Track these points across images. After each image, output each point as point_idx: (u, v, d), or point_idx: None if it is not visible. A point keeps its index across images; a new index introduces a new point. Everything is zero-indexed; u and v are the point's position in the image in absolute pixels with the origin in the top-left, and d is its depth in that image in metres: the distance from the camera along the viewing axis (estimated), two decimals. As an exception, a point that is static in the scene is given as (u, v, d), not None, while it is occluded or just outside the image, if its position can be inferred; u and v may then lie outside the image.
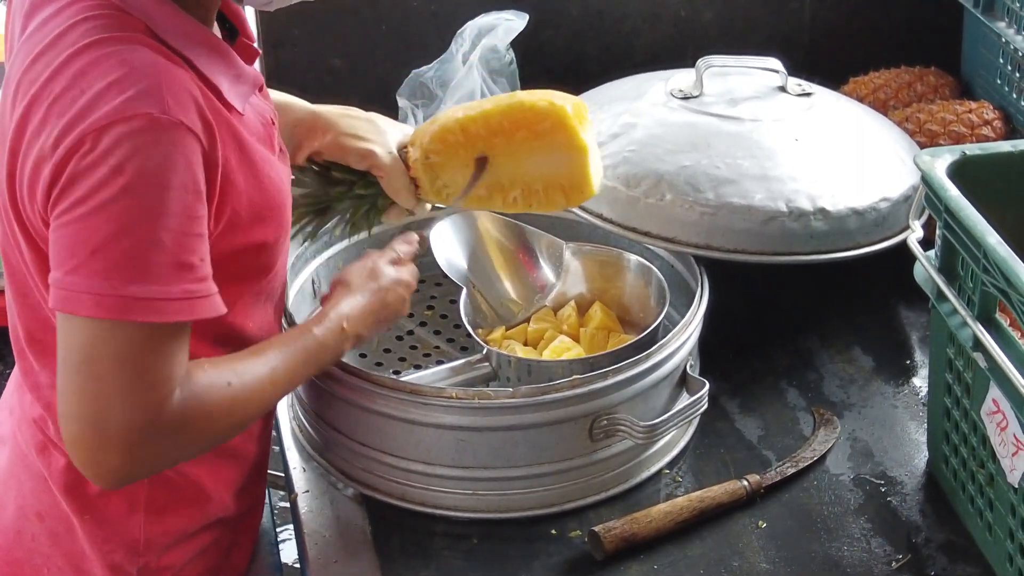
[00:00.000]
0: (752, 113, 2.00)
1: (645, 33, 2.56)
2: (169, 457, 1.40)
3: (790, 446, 1.80)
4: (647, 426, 1.65)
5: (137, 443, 1.32)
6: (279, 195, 1.52)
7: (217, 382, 1.39)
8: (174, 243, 1.31)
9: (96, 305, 1.29)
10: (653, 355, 1.68)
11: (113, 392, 1.31)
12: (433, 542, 1.67)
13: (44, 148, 1.33)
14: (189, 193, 1.32)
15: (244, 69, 1.48)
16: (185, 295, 1.32)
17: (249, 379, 1.43)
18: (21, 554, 1.61)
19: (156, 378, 1.32)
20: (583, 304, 1.96)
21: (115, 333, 1.30)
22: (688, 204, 1.88)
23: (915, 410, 1.87)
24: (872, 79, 2.44)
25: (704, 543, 1.64)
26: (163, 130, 1.30)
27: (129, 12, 1.37)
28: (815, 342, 2.02)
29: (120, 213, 1.29)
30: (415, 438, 1.66)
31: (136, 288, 1.29)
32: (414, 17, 2.44)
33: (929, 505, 1.70)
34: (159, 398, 1.32)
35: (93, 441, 1.32)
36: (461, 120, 1.72)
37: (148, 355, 1.31)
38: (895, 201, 1.94)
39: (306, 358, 1.53)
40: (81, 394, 1.32)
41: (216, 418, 1.39)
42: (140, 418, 1.31)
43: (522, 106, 1.70)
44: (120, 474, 1.35)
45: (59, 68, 1.34)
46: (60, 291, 1.31)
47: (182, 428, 1.35)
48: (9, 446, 1.63)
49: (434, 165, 1.74)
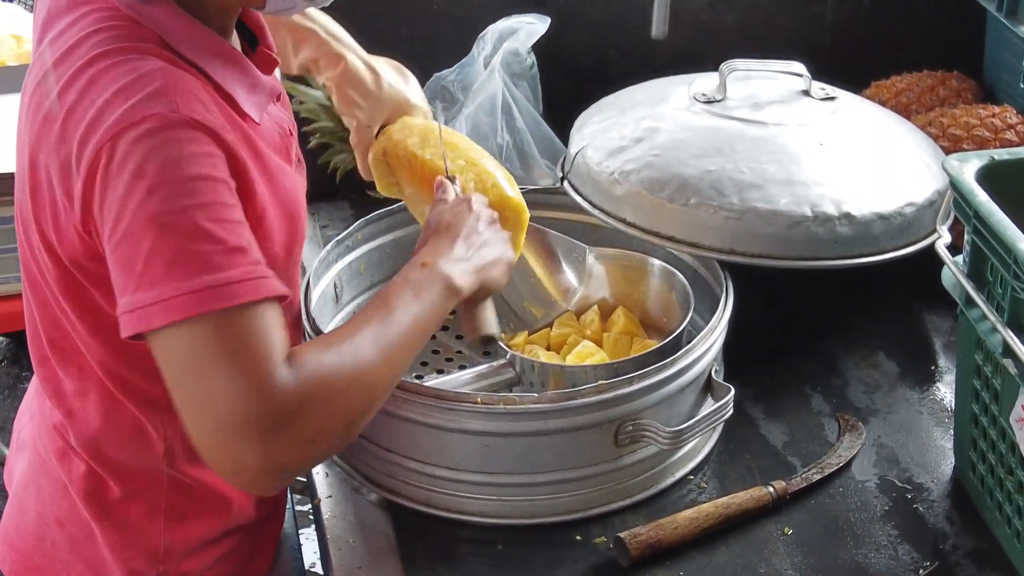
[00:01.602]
0: (776, 117, 1.99)
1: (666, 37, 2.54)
2: (306, 442, 1.30)
3: (815, 452, 1.79)
4: (672, 432, 1.64)
5: (264, 431, 1.26)
6: (294, 205, 1.51)
7: (320, 347, 1.34)
8: (219, 230, 1.28)
9: (166, 311, 1.26)
10: (679, 360, 1.67)
11: (219, 387, 1.25)
12: (458, 548, 1.66)
13: (67, 163, 1.32)
14: (218, 182, 1.30)
15: (260, 78, 1.48)
16: (246, 276, 1.28)
17: (352, 334, 1.37)
18: (41, 560, 1.61)
19: (253, 360, 1.26)
20: (606, 309, 1.95)
21: (197, 331, 1.26)
22: (712, 209, 1.87)
23: (941, 416, 1.86)
24: (894, 83, 2.43)
25: (730, 549, 1.63)
26: (174, 127, 1.28)
27: (142, 23, 1.37)
28: (839, 347, 2.01)
29: (155, 217, 1.26)
30: (440, 443, 1.66)
31: (196, 281, 1.25)
32: (435, 21, 2.44)
33: (956, 512, 1.69)
34: (264, 377, 1.26)
35: (227, 445, 1.26)
36: (409, 152, 1.78)
37: (236, 341, 1.26)
38: (920, 206, 1.93)
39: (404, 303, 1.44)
40: (195, 403, 1.27)
41: (337, 390, 1.32)
42: (255, 403, 1.25)
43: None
44: (265, 471, 1.28)
45: (71, 80, 1.34)
46: (130, 315, 1.28)
47: (304, 406, 1.28)
48: (29, 452, 1.63)
49: (388, 164, 1.81)
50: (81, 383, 1.52)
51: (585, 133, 2.09)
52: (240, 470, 1.28)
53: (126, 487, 1.54)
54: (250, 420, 1.25)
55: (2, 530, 1.68)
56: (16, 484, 1.66)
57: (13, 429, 1.74)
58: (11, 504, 1.67)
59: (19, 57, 3.26)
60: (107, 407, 1.51)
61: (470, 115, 2.23)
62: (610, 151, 2.00)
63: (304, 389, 1.28)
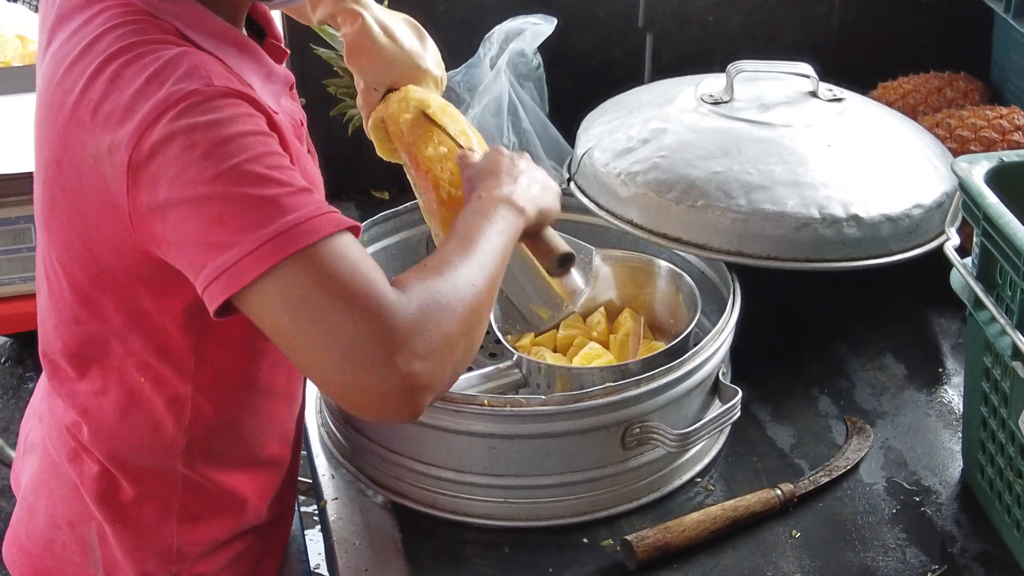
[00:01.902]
0: (783, 119, 1.99)
1: (672, 37, 2.54)
2: (435, 352, 1.28)
3: (823, 454, 1.79)
4: (680, 434, 1.64)
5: (394, 348, 1.24)
6: (319, 191, 1.52)
7: (418, 270, 1.34)
8: (281, 175, 1.27)
9: (255, 262, 1.23)
10: (686, 363, 1.67)
11: (337, 321, 1.24)
12: (464, 550, 1.66)
13: (104, 157, 1.31)
14: (267, 136, 1.30)
15: (275, 68, 1.48)
16: (320, 211, 1.27)
17: (449, 256, 1.38)
18: (52, 563, 1.60)
19: (359, 283, 1.25)
20: (613, 310, 1.95)
21: (291, 273, 1.24)
22: (720, 210, 1.87)
23: (948, 419, 1.86)
24: (901, 84, 2.43)
25: (737, 552, 1.63)
26: (213, 99, 1.28)
27: (159, 17, 1.37)
28: (846, 349, 2.00)
29: (215, 178, 1.25)
30: (446, 445, 1.65)
31: (276, 225, 1.24)
32: (441, 21, 2.42)
33: (964, 515, 1.69)
34: (378, 297, 1.25)
35: (361, 378, 1.25)
36: (400, 124, 1.74)
37: (335, 270, 1.25)
38: (928, 208, 1.93)
39: (473, 230, 1.44)
40: (316, 343, 1.25)
41: (448, 302, 1.31)
42: (376, 323, 1.24)
43: (429, 171, 1.72)
44: (406, 390, 1.26)
45: (93, 75, 1.33)
46: (219, 279, 1.25)
47: (423, 316, 1.28)
48: (39, 454, 1.62)
49: (386, 131, 1.77)
50: (101, 381, 1.51)
51: (592, 134, 2.09)
52: (384, 397, 1.26)
53: (140, 488, 1.54)
54: (378, 340, 1.24)
55: (11, 533, 1.67)
56: (25, 487, 1.66)
57: (20, 431, 1.74)
58: (20, 507, 1.66)
59: (24, 57, 3.26)
60: (125, 405, 1.51)
61: (476, 116, 2.23)
62: (617, 152, 1.99)
63: (418, 302, 1.28)
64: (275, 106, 1.45)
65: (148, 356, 1.47)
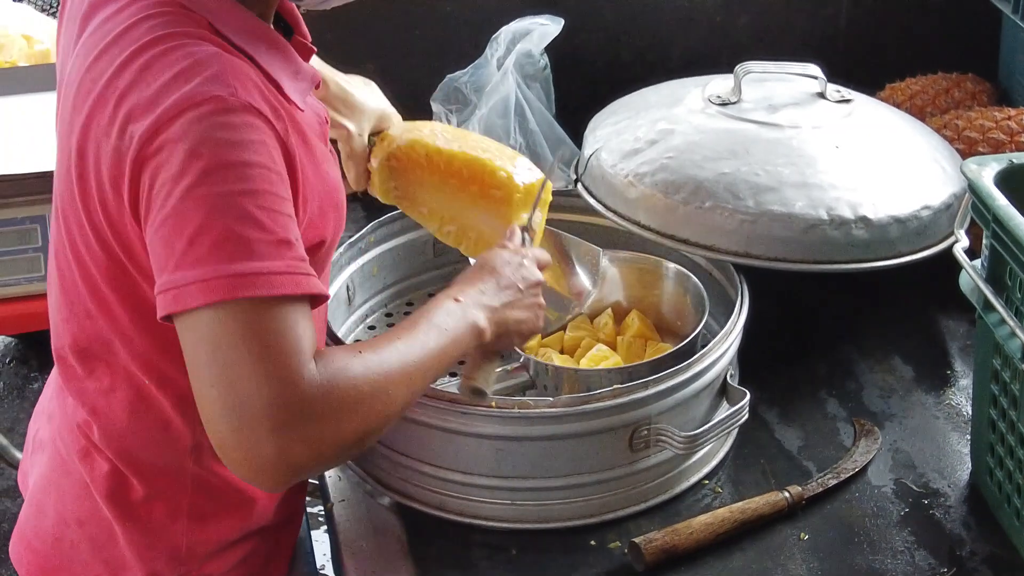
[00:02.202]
0: (791, 120, 1.98)
1: (680, 38, 2.54)
2: (324, 442, 1.28)
3: (831, 457, 1.78)
4: (688, 436, 1.64)
5: (283, 423, 1.24)
6: (338, 193, 1.52)
7: (349, 353, 1.33)
8: (268, 220, 1.27)
9: (204, 291, 1.25)
10: (694, 364, 1.66)
11: (245, 375, 1.24)
12: (471, 553, 1.65)
13: (119, 145, 1.32)
14: (271, 172, 1.30)
15: (303, 66, 1.48)
16: (289, 269, 1.28)
17: (383, 350, 1.37)
18: (60, 561, 1.60)
19: (283, 351, 1.25)
20: (620, 312, 1.94)
21: (231, 315, 1.25)
22: (727, 212, 1.86)
23: (957, 421, 1.85)
24: (909, 85, 2.42)
25: (745, 555, 1.62)
26: (234, 111, 1.29)
27: (192, 9, 1.37)
28: (854, 351, 2.00)
29: (206, 197, 1.26)
30: (453, 447, 1.65)
31: (239, 266, 1.25)
32: (448, 22, 2.43)
33: (973, 518, 1.68)
34: (292, 370, 1.25)
35: (243, 433, 1.24)
36: (430, 148, 1.80)
37: (269, 330, 1.25)
38: (937, 209, 1.92)
39: (428, 327, 1.43)
40: (217, 386, 1.25)
41: (362, 387, 1.31)
42: (278, 394, 1.24)
43: (484, 166, 1.78)
44: (275, 466, 1.26)
45: (123, 64, 1.34)
46: (167, 293, 1.27)
47: (325, 405, 1.27)
48: (48, 452, 1.62)
49: (392, 168, 1.81)
50: (108, 380, 1.51)
51: (599, 135, 2.08)
52: (251, 460, 1.26)
53: (150, 486, 1.54)
54: (271, 410, 1.24)
55: (19, 531, 1.67)
56: (34, 485, 1.65)
57: (28, 430, 1.73)
58: (28, 505, 1.66)
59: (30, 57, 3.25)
60: (134, 404, 1.51)
61: (483, 117, 2.22)
62: (624, 153, 1.99)
63: (328, 389, 1.28)
64: (301, 103, 1.46)
65: (154, 354, 1.47)
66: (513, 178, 1.77)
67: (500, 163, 1.79)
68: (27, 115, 2.62)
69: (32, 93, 2.67)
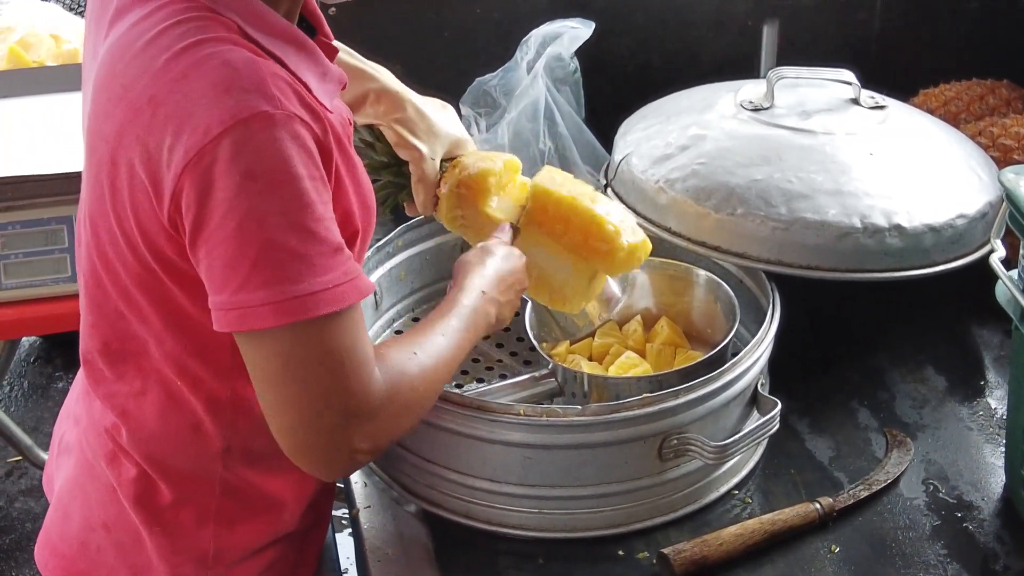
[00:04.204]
0: (825, 126, 1.96)
1: (710, 42, 2.52)
2: (393, 431, 1.43)
3: (862, 468, 1.76)
4: (718, 446, 1.62)
5: (361, 425, 1.36)
6: (367, 195, 1.52)
7: (405, 355, 1.43)
8: (324, 231, 1.32)
9: (276, 314, 1.30)
10: (725, 373, 1.65)
11: (322, 391, 1.33)
12: (498, 561, 1.64)
13: (159, 157, 1.31)
14: (318, 180, 1.33)
15: (330, 67, 1.47)
16: (347, 276, 1.34)
17: (431, 348, 1.47)
18: (85, 565, 1.59)
19: (356, 363, 1.35)
20: (649, 319, 1.92)
21: (302, 335, 1.31)
22: (760, 219, 1.84)
23: (990, 432, 1.83)
24: (943, 91, 2.40)
25: (775, 567, 1.61)
26: (281, 125, 1.29)
27: (221, 13, 1.36)
28: (886, 361, 1.98)
29: (267, 218, 1.29)
30: (480, 455, 1.63)
31: (307, 284, 1.30)
32: (478, 24, 2.42)
33: (1007, 531, 1.66)
34: (364, 380, 1.35)
35: (322, 440, 1.35)
36: (541, 190, 1.75)
37: (340, 345, 1.33)
38: (972, 218, 1.90)
39: (466, 325, 1.54)
40: (290, 403, 1.34)
41: (417, 386, 1.43)
42: (353, 405, 1.35)
43: (593, 218, 1.72)
44: (356, 458, 1.39)
45: (158, 72, 1.33)
46: (233, 311, 1.31)
47: (393, 400, 1.39)
48: (75, 456, 1.61)
49: (461, 196, 1.77)
50: (139, 383, 1.51)
51: (629, 140, 2.07)
52: (325, 460, 1.38)
53: (177, 491, 1.53)
54: (351, 417, 1.35)
55: (44, 535, 1.66)
56: (60, 488, 1.65)
57: (54, 433, 1.73)
58: (54, 509, 1.65)
59: (58, 57, 3.25)
60: (165, 407, 1.50)
61: (512, 120, 2.21)
62: (655, 159, 1.97)
63: (393, 393, 1.39)
64: (330, 105, 1.45)
65: (186, 357, 1.47)
66: (620, 236, 1.73)
67: (608, 216, 1.74)
68: (54, 115, 2.61)
69: (59, 93, 2.67)
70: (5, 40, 3.26)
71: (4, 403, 3.87)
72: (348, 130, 1.54)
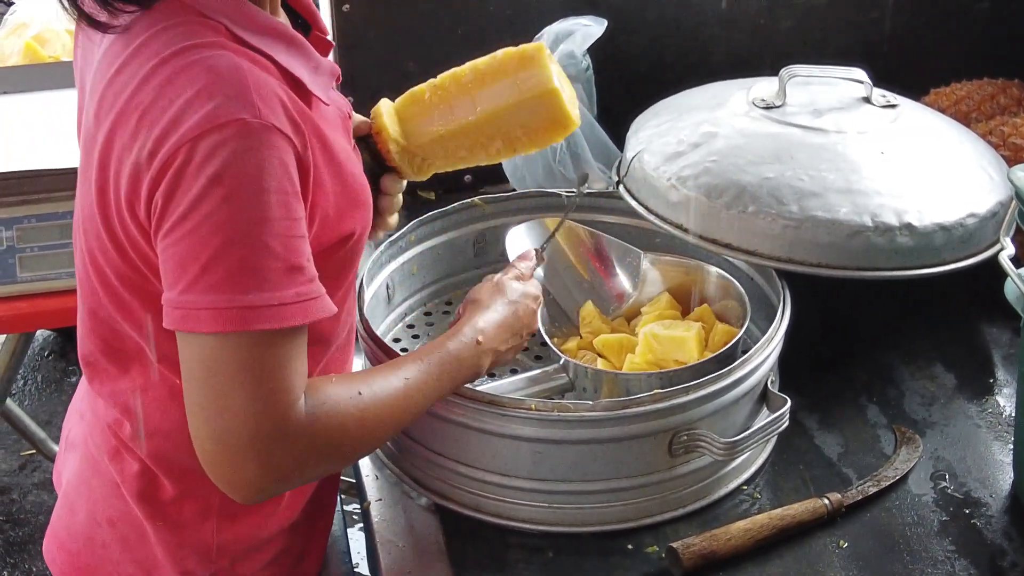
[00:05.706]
0: (836, 124, 1.97)
1: (722, 40, 2.53)
2: (306, 467, 1.37)
3: (871, 464, 1.77)
4: (728, 443, 1.62)
5: (267, 451, 1.31)
6: (362, 191, 1.52)
7: (346, 392, 1.39)
8: (282, 247, 1.30)
9: (215, 320, 1.28)
10: (735, 371, 1.65)
11: (238, 404, 1.30)
12: (508, 554, 1.65)
13: (139, 161, 1.32)
14: (288, 195, 1.31)
15: (321, 61, 1.48)
16: (299, 298, 1.31)
17: (380, 390, 1.43)
18: (91, 560, 1.61)
19: (278, 384, 1.31)
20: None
21: (235, 345, 1.29)
22: (771, 216, 1.85)
23: (999, 430, 1.83)
24: (954, 90, 2.40)
25: (784, 562, 1.61)
26: (256, 135, 1.29)
27: (209, 16, 1.37)
28: (895, 358, 1.98)
29: (224, 224, 1.27)
30: (491, 449, 1.64)
31: (252, 297, 1.28)
32: (490, 22, 2.43)
33: (1015, 528, 1.67)
34: (284, 404, 1.31)
35: (226, 456, 1.31)
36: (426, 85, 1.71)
37: (268, 362, 1.30)
38: (982, 217, 1.90)
39: (440, 372, 1.52)
40: (209, 410, 1.31)
41: (349, 427, 1.38)
42: (266, 425, 1.30)
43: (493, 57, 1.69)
44: (258, 486, 1.34)
45: (145, 78, 1.33)
46: (177, 310, 1.30)
47: (313, 436, 1.34)
48: (80, 452, 1.63)
49: (409, 149, 1.70)
50: (140, 380, 1.52)
51: (641, 137, 2.07)
52: (232, 480, 1.33)
53: (180, 486, 1.54)
54: (258, 440, 1.30)
55: (51, 531, 1.67)
56: (67, 484, 1.66)
57: (62, 429, 1.74)
58: (61, 504, 1.67)
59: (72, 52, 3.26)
60: (165, 403, 1.51)
61: (525, 117, 2.21)
62: (667, 156, 1.98)
63: (314, 424, 1.34)
64: (325, 97, 1.46)
65: None
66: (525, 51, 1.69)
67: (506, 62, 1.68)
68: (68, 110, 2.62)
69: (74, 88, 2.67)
70: (21, 35, 3.27)
71: (18, 396, 3.89)
72: (347, 124, 1.55)
